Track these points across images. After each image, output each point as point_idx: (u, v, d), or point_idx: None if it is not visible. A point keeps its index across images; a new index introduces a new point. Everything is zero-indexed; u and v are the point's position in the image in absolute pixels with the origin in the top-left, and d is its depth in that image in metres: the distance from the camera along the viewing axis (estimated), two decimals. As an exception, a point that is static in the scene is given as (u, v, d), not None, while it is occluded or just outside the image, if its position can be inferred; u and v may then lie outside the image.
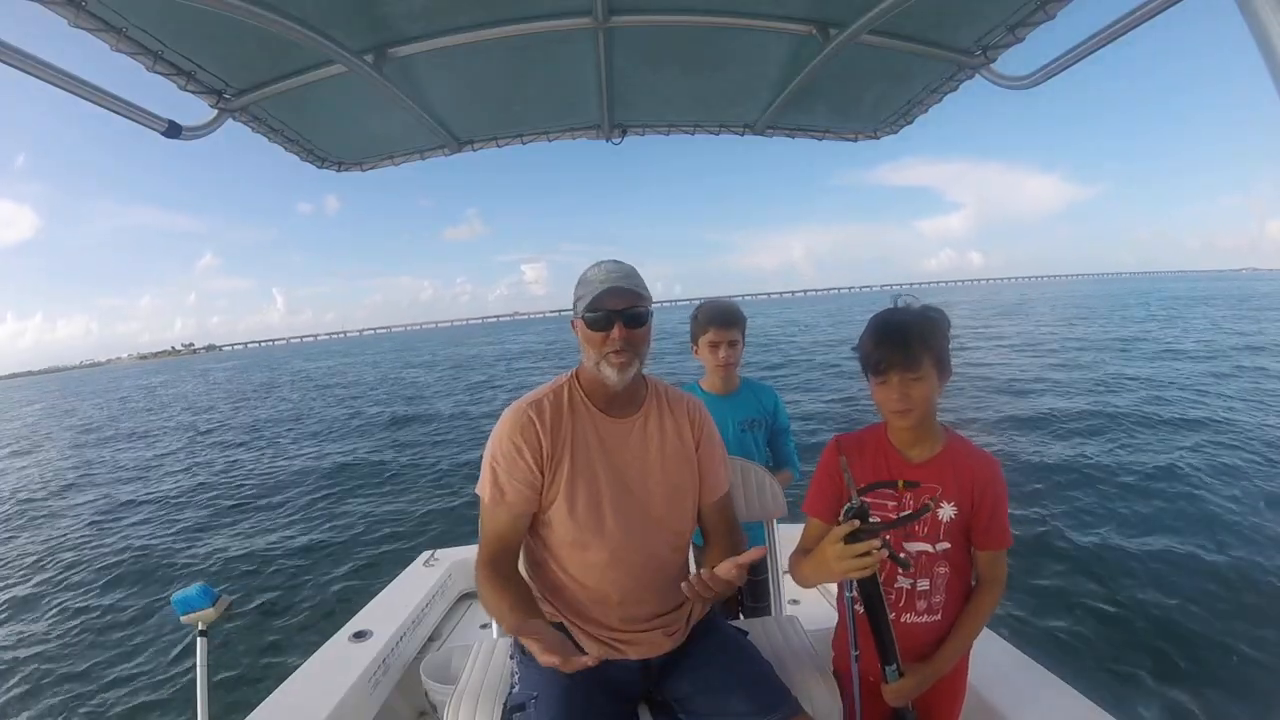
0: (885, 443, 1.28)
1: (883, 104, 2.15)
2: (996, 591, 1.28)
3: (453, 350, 46.03)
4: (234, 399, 24.59)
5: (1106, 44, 1.35)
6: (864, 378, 1.25)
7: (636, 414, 1.37)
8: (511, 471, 1.28)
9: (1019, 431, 8.16)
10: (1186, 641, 3.37)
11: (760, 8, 1.56)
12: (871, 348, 1.20)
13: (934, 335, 1.20)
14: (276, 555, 5.93)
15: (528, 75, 1.85)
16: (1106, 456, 6.68)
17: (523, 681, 1.28)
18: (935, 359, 1.19)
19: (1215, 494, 5.44)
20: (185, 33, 1.36)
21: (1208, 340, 17.48)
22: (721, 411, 2.02)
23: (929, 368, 1.18)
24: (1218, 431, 7.39)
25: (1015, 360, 15.38)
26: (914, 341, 1.17)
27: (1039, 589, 3.97)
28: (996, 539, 1.25)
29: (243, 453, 11.96)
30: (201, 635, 1.70)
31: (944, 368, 1.21)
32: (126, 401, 28.24)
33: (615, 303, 1.26)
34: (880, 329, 1.21)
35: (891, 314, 1.24)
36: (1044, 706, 1.56)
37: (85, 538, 7.30)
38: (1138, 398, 9.76)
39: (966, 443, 1.29)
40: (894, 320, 1.22)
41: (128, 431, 17.61)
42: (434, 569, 2.78)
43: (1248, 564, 4.11)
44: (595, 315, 1.26)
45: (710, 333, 2.01)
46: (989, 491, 1.23)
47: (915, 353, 1.16)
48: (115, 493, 9.57)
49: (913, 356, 1.16)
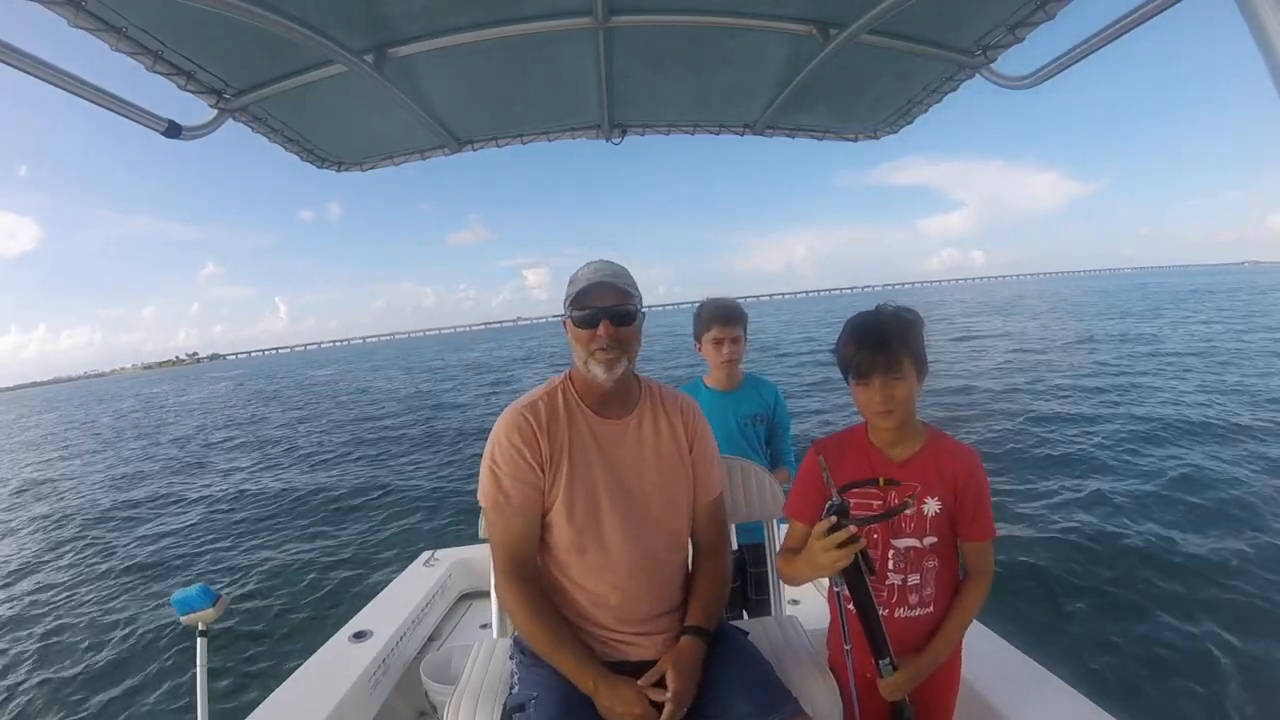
0: (866, 443, 1.31)
1: (883, 104, 2.15)
2: (985, 582, 1.31)
3: (457, 355, 46.14)
4: (238, 406, 24.60)
5: (1106, 44, 1.35)
6: (844, 381, 1.28)
7: (631, 415, 1.37)
8: (514, 474, 1.27)
9: (997, 423, 8.20)
10: (1177, 634, 3.37)
11: (760, 8, 1.56)
12: (853, 351, 1.22)
13: (912, 336, 1.23)
14: (277, 555, 5.94)
15: (528, 75, 1.85)
16: (1097, 449, 6.70)
17: (522, 682, 1.28)
18: (914, 359, 1.22)
19: (1210, 483, 5.45)
20: (185, 33, 1.36)
21: (1198, 332, 17.64)
22: (725, 407, 2.07)
23: (909, 368, 1.21)
24: (1211, 427, 7.40)
25: (1000, 355, 15.47)
26: (894, 343, 1.20)
27: (1028, 584, 3.98)
28: (981, 530, 1.28)
29: (243, 455, 11.97)
30: (201, 635, 1.70)
31: (923, 367, 1.24)
32: (127, 415, 28.25)
33: (602, 299, 1.26)
34: (860, 332, 1.23)
35: (869, 317, 1.26)
36: (1036, 699, 1.58)
37: (86, 537, 7.30)
38: (1132, 393, 9.80)
39: (946, 437, 1.32)
40: (872, 323, 1.24)
41: (132, 436, 17.62)
42: (434, 569, 2.78)
43: (1243, 555, 4.11)
44: (582, 313, 1.26)
45: (714, 329, 2.05)
46: (971, 484, 1.26)
47: (896, 354, 1.19)
48: (116, 494, 9.57)
49: (894, 358, 1.19)
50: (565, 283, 1.34)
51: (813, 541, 1.12)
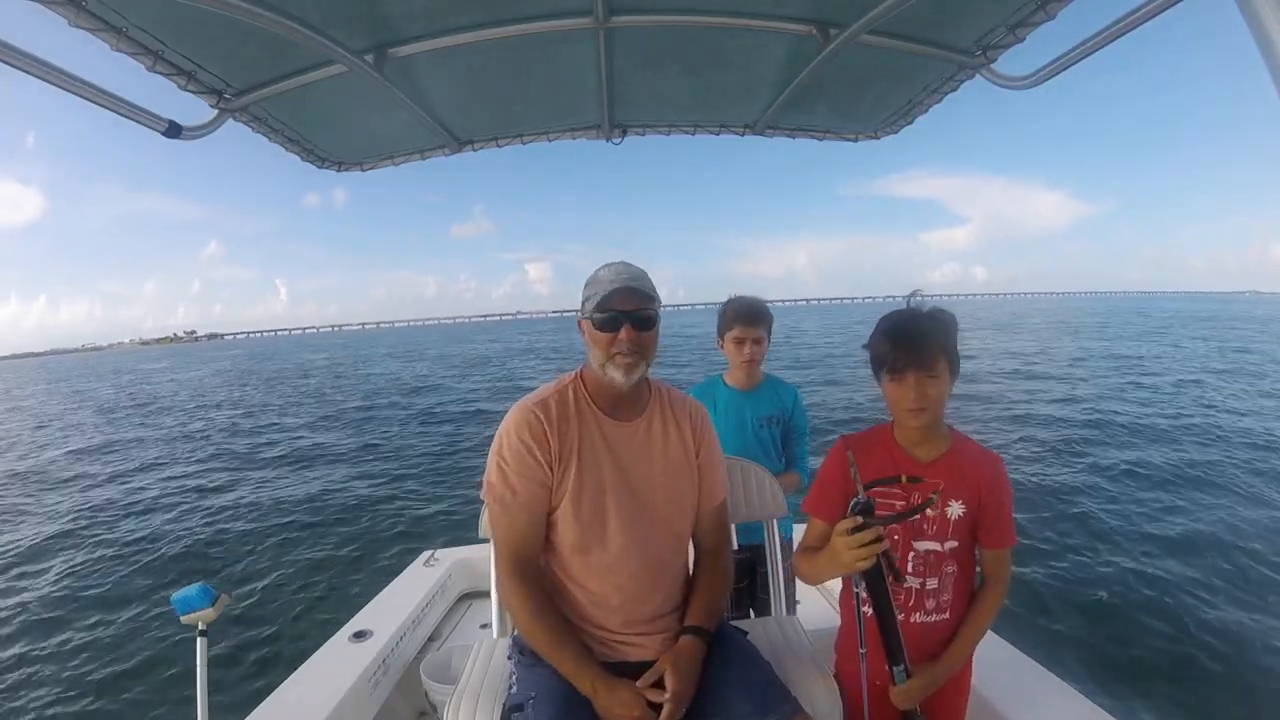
0: (892, 442, 1.29)
1: (883, 104, 2.15)
2: (1002, 590, 1.29)
3: (458, 347, 46.04)
4: (235, 387, 24.56)
5: (1106, 44, 1.35)
6: (874, 377, 1.27)
7: (640, 417, 1.36)
8: (522, 470, 1.27)
9: (1016, 433, 8.18)
10: (1191, 644, 3.36)
11: (760, 8, 1.56)
12: (888, 348, 1.21)
13: (946, 336, 1.22)
14: (277, 555, 5.93)
15: (528, 75, 1.85)
16: (1106, 459, 6.69)
17: (521, 682, 1.28)
18: (949, 359, 1.21)
19: (1216, 490, 5.45)
20: (185, 33, 1.36)
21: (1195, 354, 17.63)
22: (742, 407, 2.06)
23: (943, 367, 1.20)
24: (1212, 438, 7.39)
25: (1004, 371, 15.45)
26: (930, 342, 1.19)
27: (1040, 591, 3.97)
28: (1002, 537, 1.27)
29: (242, 451, 11.96)
30: (201, 635, 1.69)
31: (956, 367, 1.23)
32: (126, 388, 28.14)
33: (625, 303, 1.25)
34: (896, 330, 1.23)
35: (905, 315, 1.25)
36: (1046, 707, 1.56)
37: (85, 537, 7.29)
38: (1139, 408, 9.78)
39: (971, 442, 1.31)
40: (909, 321, 1.23)
41: (128, 421, 17.59)
42: (434, 569, 2.78)
43: (1251, 564, 4.11)
44: (604, 316, 1.25)
45: (736, 329, 2.04)
46: (995, 490, 1.25)
47: (931, 353, 1.19)
48: (116, 493, 9.56)
49: (929, 357, 1.19)
50: (566, 279, 1.35)
51: (836, 538, 1.11)
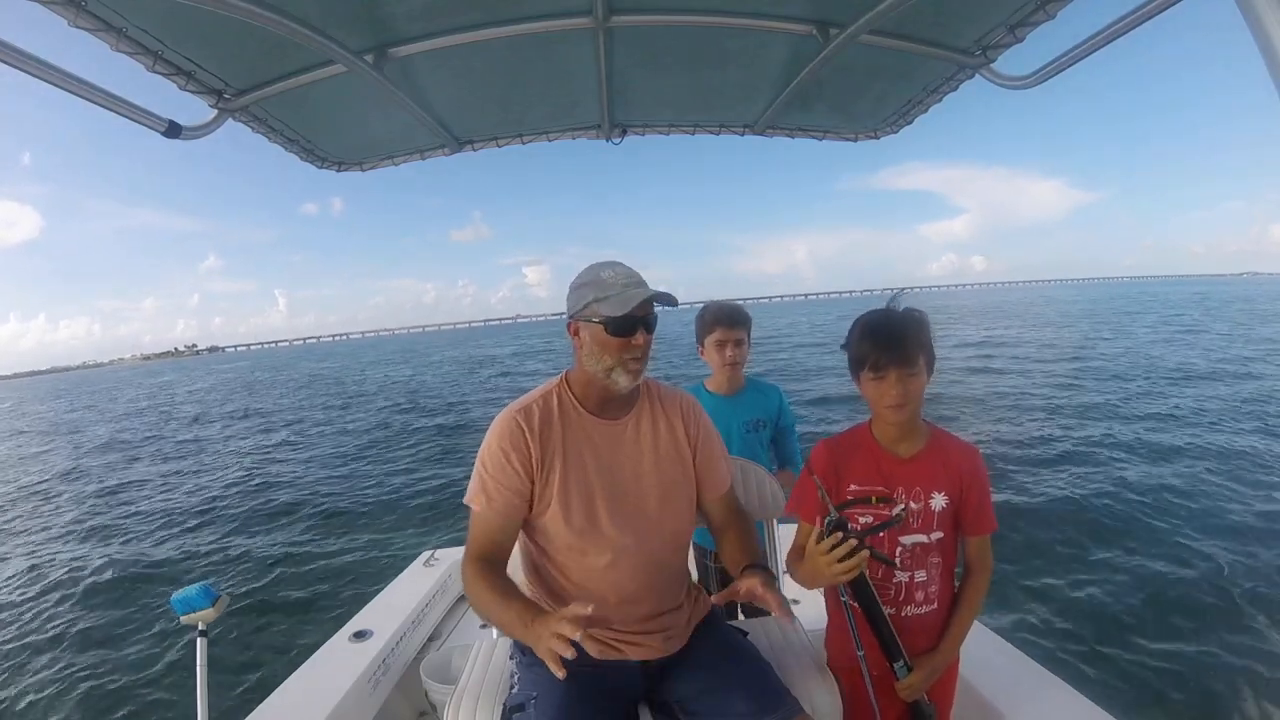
0: (872, 441, 1.33)
1: (883, 104, 2.15)
2: (986, 577, 1.34)
3: (459, 351, 46.05)
4: (235, 397, 24.60)
5: (1106, 44, 1.35)
6: (853, 377, 1.31)
7: (628, 415, 1.36)
8: (499, 478, 1.27)
9: (993, 421, 8.21)
10: (1175, 634, 3.37)
11: (760, 8, 1.56)
12: (869, 347, 1.25)
13: (923, 333, 1.27)
14: (277, 555, 5.93)
15: (528, 75, 1.86)
16: (1088, 447, 6.70)
17: (522, 682, 1.28)
18: (926, 355, 1.26)
19: (1207, 486, 5.45)
20: (185, 33, 1.36)
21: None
22: (726, 414, 2.01)
23: (922, 364, 1.25)
24: (1204, 428, 7.40)
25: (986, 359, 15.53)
26: (909, 340, 1.23)
27: (1024, 583, 3.98)
28: (984, 524, 1.32)
29: (242, 453, 11.96)
30: (201, 635, 1.69)
31: (932, 363, 1.29)
32: (131, 400, 28.22)
33: (644, 309, 1.24)
34: (876, 329, 1.26)
35: (883, 315, 1.29)
36: (1034, 698, 1.58)
37: (85, 537, 7.30)
38: (1125, 394, 9.82)
39: (948, 434, 1.35)
40: (888, 320, 1.27)
41: (130, 427, 17.62)
42: (434, 569, 2.77)
43: (1241, 558, 4.11)
44: (622, 321, 1.22)
45: (718, 331, 2.01)
46: (975, 479, 1.30)
47: (911, 350, 1.23)
48: (116, 492, 9.57)
49: (909, 354, 1.23)
50: (564, 282, 1.33)
51: (816, 557, 1.12)
